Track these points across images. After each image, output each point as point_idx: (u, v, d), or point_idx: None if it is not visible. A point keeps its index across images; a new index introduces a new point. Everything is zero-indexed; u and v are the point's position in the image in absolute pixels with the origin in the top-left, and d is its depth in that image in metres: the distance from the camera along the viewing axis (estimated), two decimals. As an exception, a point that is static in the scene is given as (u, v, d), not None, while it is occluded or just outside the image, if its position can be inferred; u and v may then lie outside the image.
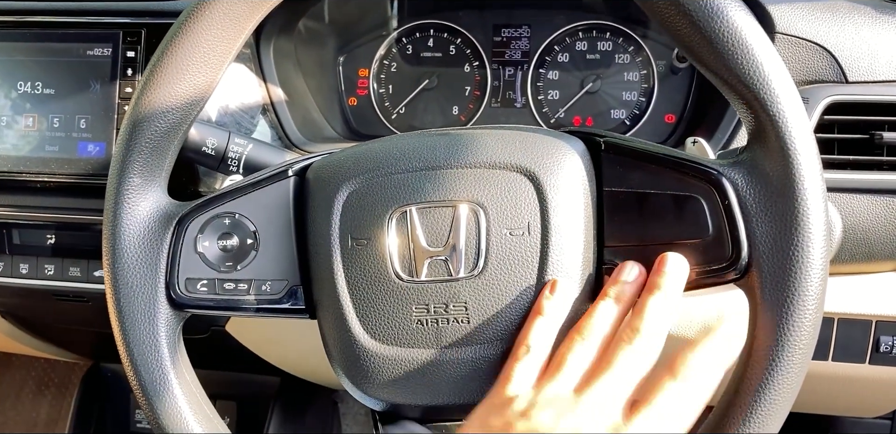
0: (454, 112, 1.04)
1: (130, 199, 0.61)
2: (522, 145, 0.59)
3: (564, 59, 1.01)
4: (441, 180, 0.58)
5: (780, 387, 0.52)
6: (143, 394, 0.60)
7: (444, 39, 1.04)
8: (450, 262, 0.57)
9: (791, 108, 0.52)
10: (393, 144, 0.62)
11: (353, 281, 0.58)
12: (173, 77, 0.59)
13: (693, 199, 0.56)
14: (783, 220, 0.52)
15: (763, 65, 0.52)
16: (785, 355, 0.52)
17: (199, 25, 0.58)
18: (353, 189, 0.60)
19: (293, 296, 0.62)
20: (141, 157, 0.60)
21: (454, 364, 0.57)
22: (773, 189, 0.53)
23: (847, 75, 0.81)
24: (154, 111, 0.59)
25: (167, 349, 0.60)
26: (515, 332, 0.56)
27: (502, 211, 0.57)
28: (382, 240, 0.58)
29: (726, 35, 0.52)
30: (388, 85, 1.05)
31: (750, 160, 0.55)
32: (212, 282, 0.62)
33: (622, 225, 0.58)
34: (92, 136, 0.89)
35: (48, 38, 0.90)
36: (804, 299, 0.51)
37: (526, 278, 0.57)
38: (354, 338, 0.58)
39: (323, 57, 1.05)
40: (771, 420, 0.53)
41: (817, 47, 0.81)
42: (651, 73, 0.99)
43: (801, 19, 0.82)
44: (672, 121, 0.99)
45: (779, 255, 0.52)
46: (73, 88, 0.89)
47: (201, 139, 0.78)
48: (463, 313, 0.57)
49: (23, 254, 0.95)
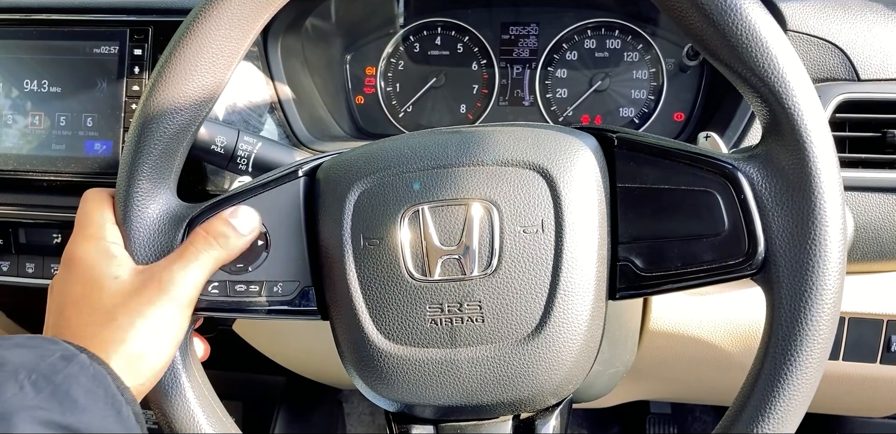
0: (462, 110, 1.03)
1: (140, 202, 0.60)
2: (535, 142, 0.59)
3: (573, 57, 1.00)
4: (453, 178, 0.58)
5: (798, 383, 0.51)
6: (154, 395, 0.60)
7: (451, 37, 1.03)
8: (463, 260, 0.57)
9: (806, 101, 0.52)
10: (404, 143, 0.61)
11: (366, 281, 0.58)
12: (182, 78, 0.58)
13: (708, 193, 0.55)
14: (800, 214, 0.52)
15: (777, 57, 0.52)
16: (804, 350, 0.51)
17: (208, 25, 0.58)
18: (365, 188, 0.59)
19: (305, 297, 0.61)
20: (150, 159, 0.60)
21: (469, 364, 0.56)
22: (788, 182, 0.53)
23: (859, 73, 0.80)
24: (162, 113, 0.59)
25: (178, 351, 0.60)
26: (531, 331, 0.56)
27: (516, 208, 0.57)
28: (395, 239, 0.58)
29: (740, 28, 0.51)
30: (395, 83, 1.05)
31: (765, 154, 0.54)
32: (223, 284, 0.61)
33: (636, 221, 0.58)
34: (99, 134, 0.88)
35: (54, 36, 0.90)
36: (822, 293, 0.51)
37: (540, 276, 0.56)
38: (368, 338, 0.58)
39: (330, 55, 1.05)
40: (788, 419, 0.52)
41: (829, 45, 0.81)
42: (660, 71, 0.98)
43: (812, 17, 0.82)
44: (681, 119, 0.98)
45: (796, 248, 0.52)
46: (80, 87, 0.89)
47: (210, 137, 0.77)
48: (477, 312, 0.56)
49: (29, 253, 0.95)
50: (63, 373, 0.49)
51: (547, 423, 0.60)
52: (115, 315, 0.56)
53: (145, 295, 0.57)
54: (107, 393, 0.51)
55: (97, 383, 0.50)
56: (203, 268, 0.59)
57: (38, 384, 0.47)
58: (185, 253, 0.59)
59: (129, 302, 0.57)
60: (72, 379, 0.49)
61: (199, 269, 0.59)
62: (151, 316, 0.56)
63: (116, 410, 0.51)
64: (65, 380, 0.49)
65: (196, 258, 0.59)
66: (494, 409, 0.58)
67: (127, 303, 0.57)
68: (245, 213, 0.61)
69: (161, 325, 0.57)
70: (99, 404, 0.49)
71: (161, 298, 0.57)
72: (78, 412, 0.48)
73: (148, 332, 0.56)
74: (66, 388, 0.48)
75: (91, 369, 0.51)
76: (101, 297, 0.57)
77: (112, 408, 0.50)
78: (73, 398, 0.48)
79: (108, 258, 0.59)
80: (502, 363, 0.56)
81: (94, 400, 0.49)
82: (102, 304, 0.57)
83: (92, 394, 0.49)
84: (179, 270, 0.58)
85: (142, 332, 0.56)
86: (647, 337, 0.91)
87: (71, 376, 0.49)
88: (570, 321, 0.56)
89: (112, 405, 0.50)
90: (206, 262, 0.59)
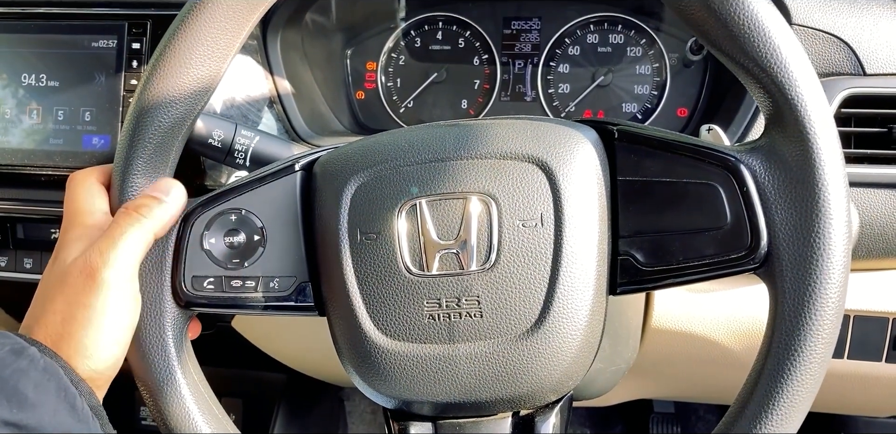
0: (463, 106, 1.02)
1: (134, 197, 0.60)
2: (534, 135, 0.58)
3: (575, 52, 1.00)
4: (451, 172, 0.57)
5: (802, 378, 0.51)
6: (149, 394, 0.59)
7: (453, 32, 1.03)
8: (461, 255, 0.56)
9: (809, 92, 0.51)
10: (401, 136, 0.61)
11: (363, 276, 0.58)
12: (177, 70, 0.58)
13: (710, 186, 0.55)
14: (803, 207, 0.51)
15: (780, 48, 0.51)
16: (808, 344, 0.50)
17: (203, 17, 0.57)
18: (362, 182, 0.59)
19: (302, 292, 0.61)
20: (145, 153, 0.59)
21: (467, 359, 0.56)
22: (792, 175, 0.52)
23: (865, 68, 0.80)
24: (157, 106, 0.58)
25: (174, 348, 0.60)
26: (530, 326, 0.55)
27: (514, 202, 0.56)
28: (392, 233, 0.57)
29: (742, 18, 0.51)
30: (396, 78, 1.04)
31: (768, 146, 0.54)
32: (219, 279, 0.61)
33: (637, 215, 0.57)
34: (97, 128, 0.88)
35: (52, 30, 0.89)
36: (826, 287, 0.50)
37: (540, 271, 0.56)
38: (365, 334, 0.57)
39: (330, 49, 1.04)
40: (791, 417, 0.51)
41: (834, 39, 0.80)
42: (663, 66, 0.97)
43: (817, 10, 0.81)
44: (685, 115, 0.97)
45: (799, 242, 0.51)
46: (78, 81, 0.88)
47: (207, 131, 0.77)
48: (475, 307, 0.56)
49: (27, 248, 0.95)
50: (11, 367, 0.48)
51: (547, 421, 0.59)
52: (60, 306, 0.55)
53: (77, 282, 0.55)
54: (59, 386, 0.50)
55: (48, 376, 0.49)
56: (132, 244, 0.57)
57: None
58: (109, 232, 0.57)
59: (66, 290, 0.55)
60: (20, 373, 0.48)
61: (126, 247, 0.56)
62: (89, 304, 0.55)
63: (70, 404, 0.50)
64: (13, 374, 0.48)
65: (121, 235, 0.57)
66: (493, 406, 0.58)
67: (65, 291, 0.55)
68: (164, 182, 0.60)
69: (104, 311, 0.55)
70: (50, 398, 0.49)
71: (92, 284, 0.55)
72: (28, 408, 0.47)
73: (90, 321, 0.54)
74: (14, 383, 0.47)
75: (41, 362, 0.50)
76: (63, 289, 0.56)
77: (65, 401, 0.49)
78: (22, 393, 0.47)
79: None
80: (501, 359, 0.56)
81: (44, 394, 0.48)
82: (65, 296, 0.56)
83: (42, 387, 0.48)
84: (106, 251, 0.56)
85: (84, 321, 0.54)
86: (649, 334, 0.91)
87: (20, 370, 0.48)
88: (570, 316, 0.55)
89: (65, 398, 0.49)
90: (133, 237, 0.57)
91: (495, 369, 0.56)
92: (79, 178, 0.62)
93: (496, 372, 0.56)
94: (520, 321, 0.56)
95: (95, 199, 0.60)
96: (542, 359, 0.56)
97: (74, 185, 0.62)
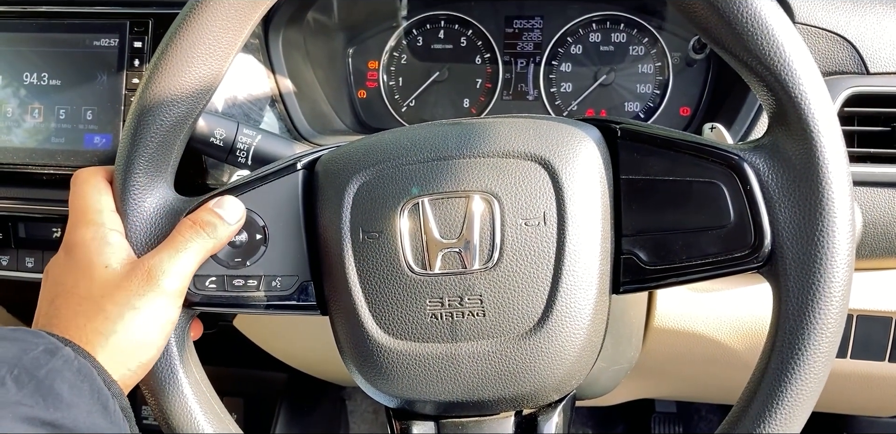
0: (465, 105, 1.02)
1: (136, 195, 0.60)
2: (536, 133, 0.58)
3: (578, 50, 0.99)
4: (454, 170, 0.57)
5: (806, 378, 0.50)
6: (152, 393, 0.59)
7: (454, 31, 1.03)
8: (464, 254, 0.56)
9: (813, 90, 0.51)
10: (403, 135, 0.61)
11: (365, 275, 0.57)
12: (178, 69, 0.58)
13: (713, 185, 0.54)
14: (807, 205, 0.51)
15: (783, 45, 0.51)
16: (812, 343, 0.50)
17: (205, 16, 0.57)
18: (364, 181, 0.59)
19: (304, 292, 0.61)
20: (146, 152, 0.59)
21: (470, 358, 0.56)
22: (795, 173, 0.52)
23: (868, 66, 0.79)
24: (159, 105, 0.58)
25: (176, 347, 0.60)
26: (533, 325, 0.55)
27: (517, 201, 0.56)
28: (394, 232, 0.57)
29: (745, 15, 0.51)
30: (397, 77, 1.04)
31: (771, 144, 0.53)
32: (220, 278, 0.61)
33: (640, 213, 0.57)
34: (98, 127, 0.88)
35: (54, 29, 0.89)
36: (831, 286, 0.50)
37: (542, 269, 0.55)
38: (367, 333, 0.57)
39: (332, 48, 1.04)
40: (794, 417, 0.51)
41: (838, 38, 0.80)
42: (666, 65, 0.97)
43: (820, 9, 0.81)
44: (687, 114, 0.97)
45: (803, 240, 0.51)
46: (80, 79, 0.88)
47: (209, 130, 0.76)
48: (478, 306, 0.56)
49: (28, 247, 0.94)
50: (47, 367, 0.48)
51: (549, 420, 0.59)
52: (103, 306, 0.55)
53: (133, 286, 0.56)
54: (92, 387, 0.50)
55: (82, 377, 0.49)
56: (191, 257, 0.58)
57: (20, 379, 0.46)
58: (172, 242, 0.58)
59: (116, 292, 0.56)
60: (56, 373, 0.48)
61: (187, 259, 0.58)
62: (139, 307, 0.55)
63: (103, 405, 0.50)
64: (48, 374, 0.48)
65: (185, 247, 0.58)
66: (496, 405, 0.57)
67: (114, 293, 0.56)
68: (230, 203, 0.60)
69: (150, 316, 0.56)
70: (84, 399, 0.48)
71: (149, 289, 0.56)
72: (63, 407, 0.47)
73: (136, 324, 0.55)
74: (49, 382, 0.47)
75: (76, 363, 0.50)
76: (90, 287, 0.56)
77: (98, 402, 0.49)
78: (57, 393, 0.47)
79: (104, 246, 0.58)
80: (503, 358, 0.55)
81: (79, 395, 0.48)
82: (91, 295, 0.56)
83: (77, 388, 0.48)
84: (167, 260, 0.57)
85: (130, 323, 0.55)
86: (651, 334, 0.90)
87: (55, 370, 0.48)
88: (573, 315, 0.55)
89: (98, 400, 0.49)
90: (195, 251, 0.58)
91: (498, 368, 0.56)
92: (84, 176, 0.62)
93: (499, 371, 0.56)
94: (522, 320, 0.55)
95: (103, 197, 0.60)
96: (545, 358, 0.55)
97: (81, 183, 0.62)
